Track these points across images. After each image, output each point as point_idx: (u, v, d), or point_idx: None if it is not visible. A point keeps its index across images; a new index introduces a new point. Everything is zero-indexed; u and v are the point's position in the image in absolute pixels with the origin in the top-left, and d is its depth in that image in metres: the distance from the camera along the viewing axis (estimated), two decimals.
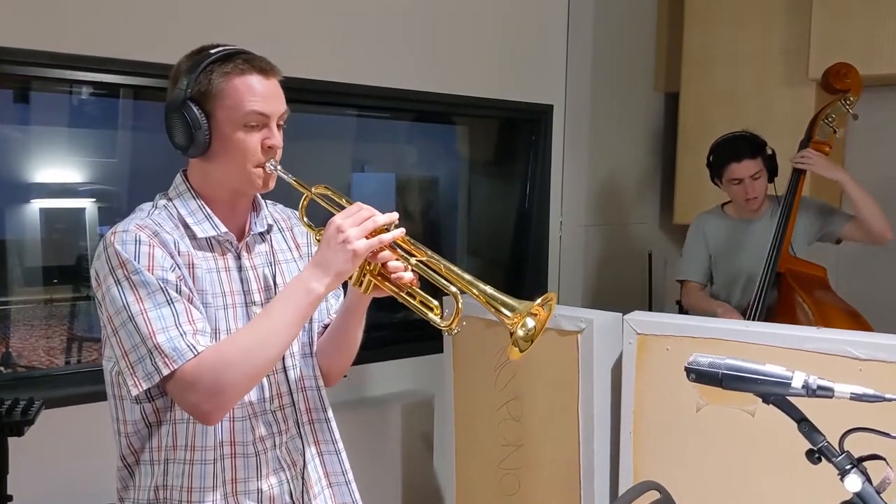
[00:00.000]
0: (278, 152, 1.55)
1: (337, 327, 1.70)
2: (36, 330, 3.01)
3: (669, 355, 2.34)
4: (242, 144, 1.50)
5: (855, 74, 2.96)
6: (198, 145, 1.50)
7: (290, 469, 1.62)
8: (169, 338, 1.40)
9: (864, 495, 1.17)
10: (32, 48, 2.44)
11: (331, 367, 1.73)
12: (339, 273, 1.46)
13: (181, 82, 1.51)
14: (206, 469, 1.51)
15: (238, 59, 1.51)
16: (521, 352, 1.48)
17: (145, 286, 1.42)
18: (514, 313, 1.46)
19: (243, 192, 1.58)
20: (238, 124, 1.50)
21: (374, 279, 1.55)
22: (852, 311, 2.81)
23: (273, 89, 1.53)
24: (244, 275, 1.59)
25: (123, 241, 1.44)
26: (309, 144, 3.59)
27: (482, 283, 1.48)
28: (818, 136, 2.95)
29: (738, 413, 2.21)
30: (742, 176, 2.99)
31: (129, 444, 1.55)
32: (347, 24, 3.16)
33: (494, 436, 2.78)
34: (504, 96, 3.70)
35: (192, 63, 1.52)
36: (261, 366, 1.45)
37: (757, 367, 1.24)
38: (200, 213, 1.55)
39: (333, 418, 1.72)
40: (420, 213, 4.18)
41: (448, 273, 1.50)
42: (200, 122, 1.49)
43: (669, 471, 2.33)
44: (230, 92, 1.49)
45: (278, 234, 1.70)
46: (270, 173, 1.54)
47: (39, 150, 2.91)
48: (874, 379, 2.00)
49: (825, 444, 1.20)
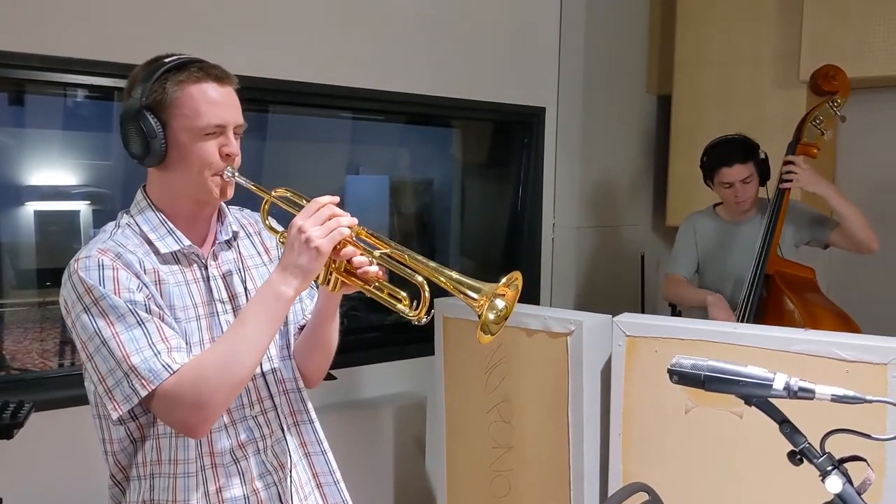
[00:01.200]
0: (237, 160, 1.55)
1: (311, 328, 1.70)
2: (30, 332, 3.01)
3: (658, 357, 2.35)
4: (199, 152, 1.50)
5: (842, 76, 2.97)
6: (154, 154, 1.50)
7: (277, 472, 1.62)
8: (144, 359, 1.40)
9: (844, 496, 1.18)
10: (26, 52, 2.45)
11: (309, 368, 1.73)
12: (307, 273, 1.47)
13: (136, 91, 1.50)
14: (188, 482, 1.51)
15: (193, 67, 1.51)
16: (492, 334, 1.47)
17: (114, 310, 1.42)
18: (481, 295, 1.46)
19: (203, 201, 1.57)
20: (194, 132, 1.49)
21: (341, 276, 1.55)
22: (840, 313, 2.82)
23: (228, 97, 1.53)
24: (212, 284, 1.59)
25: (87, 266, 1.43)
26: (303, 147, 3.60)
27: (447, 269, 1.48)
28: (806, 137, 2.96)
29: (726, 415, 2.23)
30: (733, 180, 3.01)
31: (117, 462, 1.56)
32: (342, 27, 3.18)
33: (485, 438, 2.79)
34: (497, 99, 3.71)
35: (147, 72, 1.51)
36: (240, 375, 1.45)
37: (739, 369, 1.24)
38: (163, 227, 1.55)
39: (317, 419, 1.73)
40: (414, 215, 4.19)
41: (413, 262, 1.49)
42: (156, 130, 1.48)
43: (658, 472, 2.34)
44: (185, 100, 1.49)
45: (245, 239, 1.70)
46: (228, 181, 1.54)
47: (34, 152, 2.92)
48: (861, 380, 2.02)
49: (806, 445, 1.21)
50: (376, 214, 3.91)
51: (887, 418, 1.97)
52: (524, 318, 2.60)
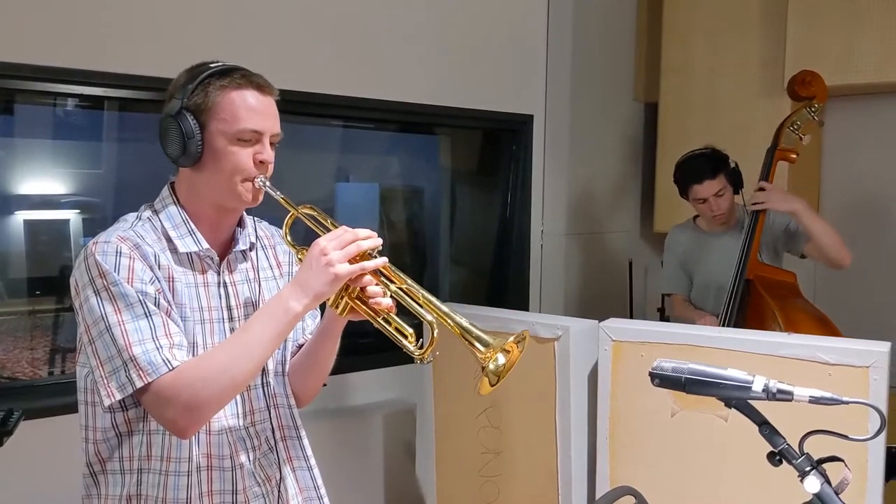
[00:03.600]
0: (269, 168, 1.57)
1: (310, 348, 1.71)
2: (20, 341, 3.01)
3: (644, 361, 2.37)
4: (234, 157, 1.52)
5: (819, 82, 3.00)
6: (189, 155, 1.52)
7: (265, 484, 1.64)
8: (145, 350, 1.42)
9: (822, 496, 1.20)
10: (16, 61, 2.45)
11: (302, 388, 1.74)
12: (319, 294, 1.48)
13: (178, 93, 1.53)
14: (180, 480, 1.52)
15: (236, 74, 1.54)
16: (491, 385, 1.50)
17: (124, 298, 1.43)
18: (488, 348, 1.48)
19: (229, 206, 1.59)
20: (231, 137, 1.52)
21: (352, 302, 1.57)
22: (821, 317, 2.85)
23: (268, 106, 1.56)
24: (224, 291, 1.60)
25: (104, 251, 1.45)
26: (293, 155, 3.61)
27: (457, 315, 1.51)
28: (784, 143, 2.98)
29: (711, 418, 2.25)
30: (705, 196, 3.04)
31: (97, 452, 1.55)
32: (331, 36, 3.19)
33: (474, 443, 2.80)
34: (485, 107, 3.73)
35: (191, 76, 1.54)
36: (237, 382, 1.46)
37: (719, 372, 1.26)
38: (184, 227, 1.57)
39: (305, 436, 1.74)
40: (403, 223, 4.20)
41: (425, 302, 1.52)
42: (194, 131, 1.51)
43: (645, 476, 2.36)
44: (225, 105, 1.51)
45: (261, 251, 1.71)
46: (259, 189, 1.56)
47: (24, 162, 2.92)
48: (843, 383, 2.05)
49: (785, 446, 1.23)
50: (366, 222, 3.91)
51: (869, 420, 2.00)
52: (512, 324, 2.62)
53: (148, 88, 2.66)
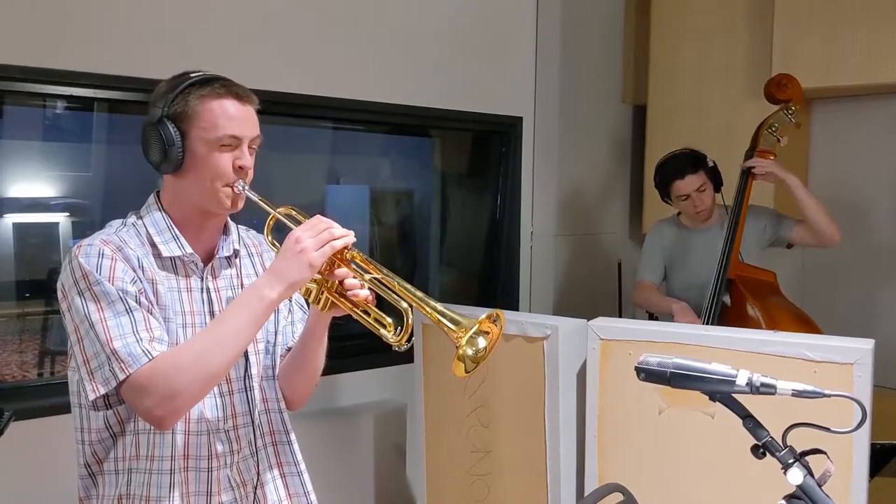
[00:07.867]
0: (249, 173, 1.60)
1: (298, 349, 1.73)
2: (9, 344, 3.01)
3: (632, 360, 2.35)
4: (214, 163, 1.55)
5: (795, 84, 3.08)
6: (171, 162, 1.55)
7: (239, 489, 1.65)
8: (125, 343, 1.44)
9: (805, 488, 1.22)
10: (4, 63, 2.46)
11: (292, 391, 1.76)
12: (294, 282, 1.51)
13: (159, 102, 1.56)
14: (163, 479, 1.54)
15: (216, 84, 1.57)
16: (466, 371, 1.51)
17: (106, 296, 1.46)
18: (459, 327, 1.50)
19: (212, 211, 1.61)
20: (211, 144, 1.55)
21: (332, 296, 1.60)
22: (801, 315, 2.89)
23: (247, 114, 1.59)
24: (207, 296, 1.62)
25: (87, 254, 1.49)
26: (283, 157, 3.62)
27: (432, 301, 1.54)
28: (762, 145, 3.05)
29: (698, 415, 2.27)
30: (688, 191, 3.10)
31: (94, 453, 1.58)
32: (321, 38, 3.21)
33: (464, 443, 2.82)
34: (475, 109, 3.76)
35: (171, 85, 1.58)
36: (213, 371, 1.48)
37: (703, 366, 1.28)
38: (168, 232, 1.59)
39: (296, 441, 1.76)
40: (393, 225, 4.22)
41: (401, 290, 1.55)
42: (175, 139, 1.54)
43: (633, 473, 2.37)
44: (205, 114, 1.54)
45: (246, 258, 1.74)
46: (239, 194, 1.59)
47: (12, 164, 2.91)
48: (827, 379, 2.07)
49: (769, 439, 1.25)
50: (357, 224, 3.93)
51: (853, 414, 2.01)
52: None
53: (138, 90, 2.67)
